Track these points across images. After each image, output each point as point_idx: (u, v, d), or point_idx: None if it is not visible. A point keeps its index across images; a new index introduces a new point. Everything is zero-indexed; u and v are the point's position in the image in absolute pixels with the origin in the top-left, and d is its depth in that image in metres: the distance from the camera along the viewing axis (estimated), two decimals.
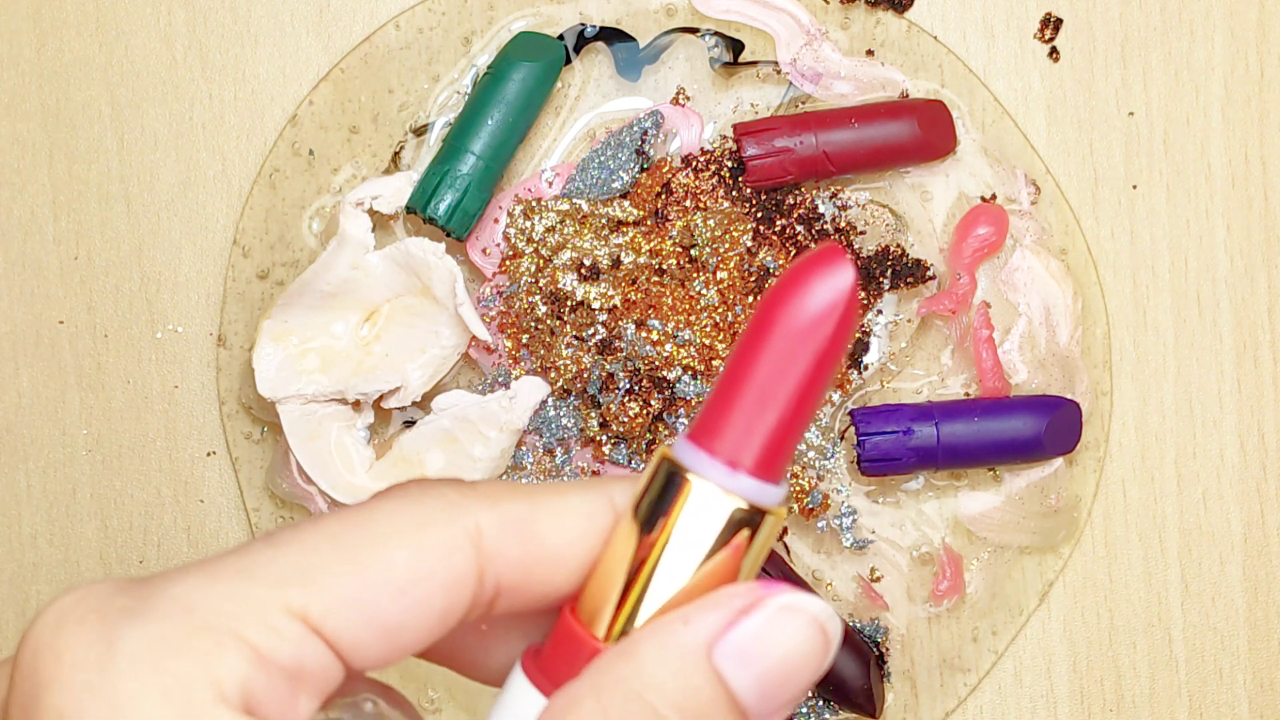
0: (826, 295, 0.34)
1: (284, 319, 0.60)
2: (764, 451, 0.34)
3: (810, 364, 0.34)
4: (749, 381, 0.34)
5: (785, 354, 0.34)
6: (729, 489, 0.34)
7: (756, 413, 0.34)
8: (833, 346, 0.34)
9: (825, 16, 0.62)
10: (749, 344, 0.34)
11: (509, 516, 0.33)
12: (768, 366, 0.34)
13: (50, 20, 0.63)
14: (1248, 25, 0.63)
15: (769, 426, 0.34)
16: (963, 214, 0.62)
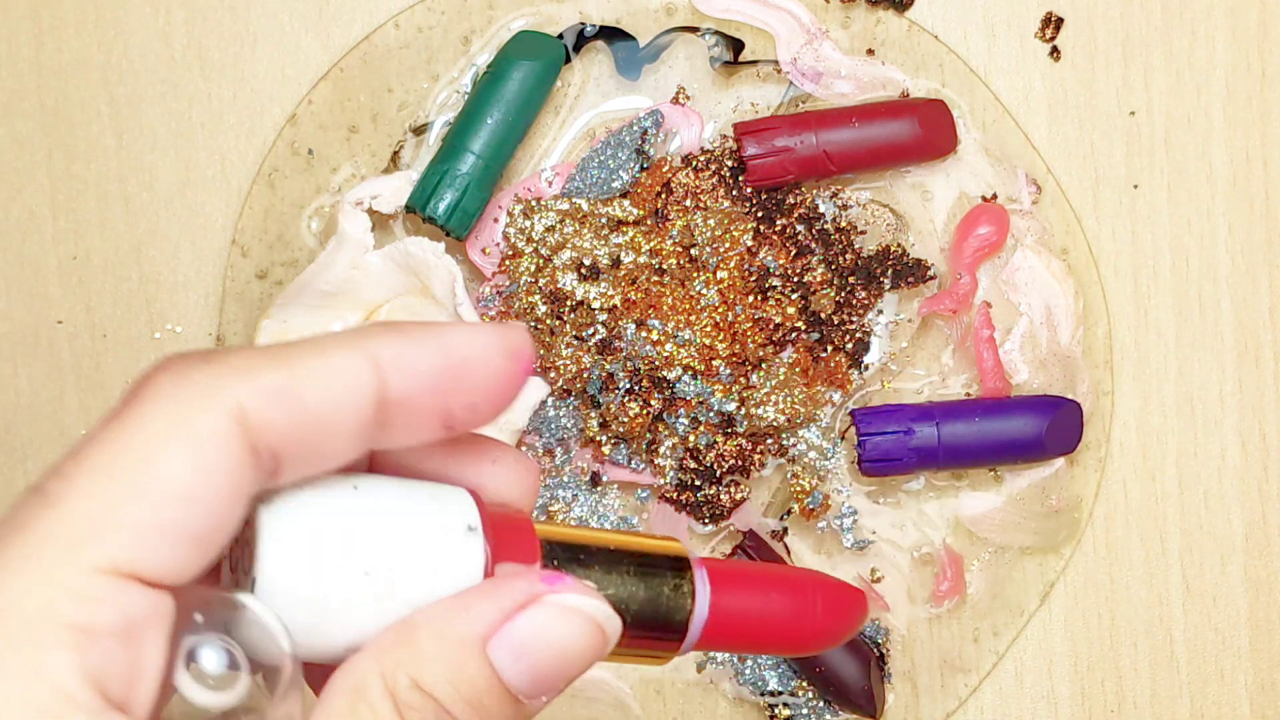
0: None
1: (283, 319, 0.60)
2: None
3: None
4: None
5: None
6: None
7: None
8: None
9: (826, 15, 0.62)
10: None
11: (269, 388, 0.33)
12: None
13: (49, 19, 0.63)
14: (1249, 25, 0.63)
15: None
16: (963, 213, 0.61)
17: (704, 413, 0.60)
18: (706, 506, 0.61)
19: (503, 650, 0.34)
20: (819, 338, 0.60)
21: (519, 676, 0.34)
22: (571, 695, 0.62)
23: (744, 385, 0.60)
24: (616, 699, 0.62)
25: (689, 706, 0.62)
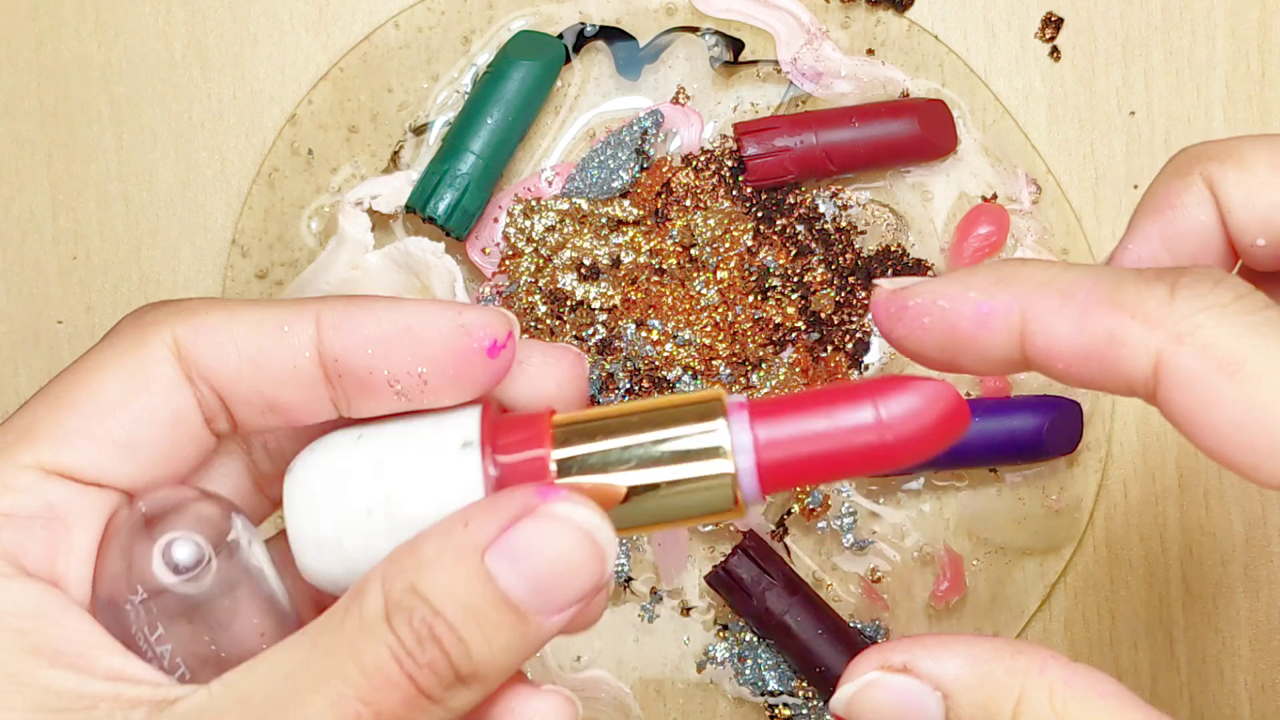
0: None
1: None
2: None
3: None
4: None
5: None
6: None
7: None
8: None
9: (826, 15, 0.62)
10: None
11: (204, 325, 0.37)
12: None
13: (49, 19, 0.63)
14: (1249, 24, 0.63)
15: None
16: (964, 213, 0.62)
17: None
18: None
19: (499, 559, 0.35)
20: (819, 338, 0.60)
21: (516, 585, 0.35)
22: None
23: (744, 385, 0.60)
24: (616, 699, 0.62)
25: (689, 706, 0.62)
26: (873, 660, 0.38)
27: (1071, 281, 0.36)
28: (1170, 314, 0.34)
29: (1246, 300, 0.34)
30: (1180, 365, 0.34)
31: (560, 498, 0.36)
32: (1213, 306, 0.34)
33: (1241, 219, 0.39)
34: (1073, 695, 0.36)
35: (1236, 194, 0.39)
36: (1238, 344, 0.34)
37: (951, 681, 0.37)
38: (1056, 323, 0.36)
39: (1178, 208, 0.40)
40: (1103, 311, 0.35)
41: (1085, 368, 0.36)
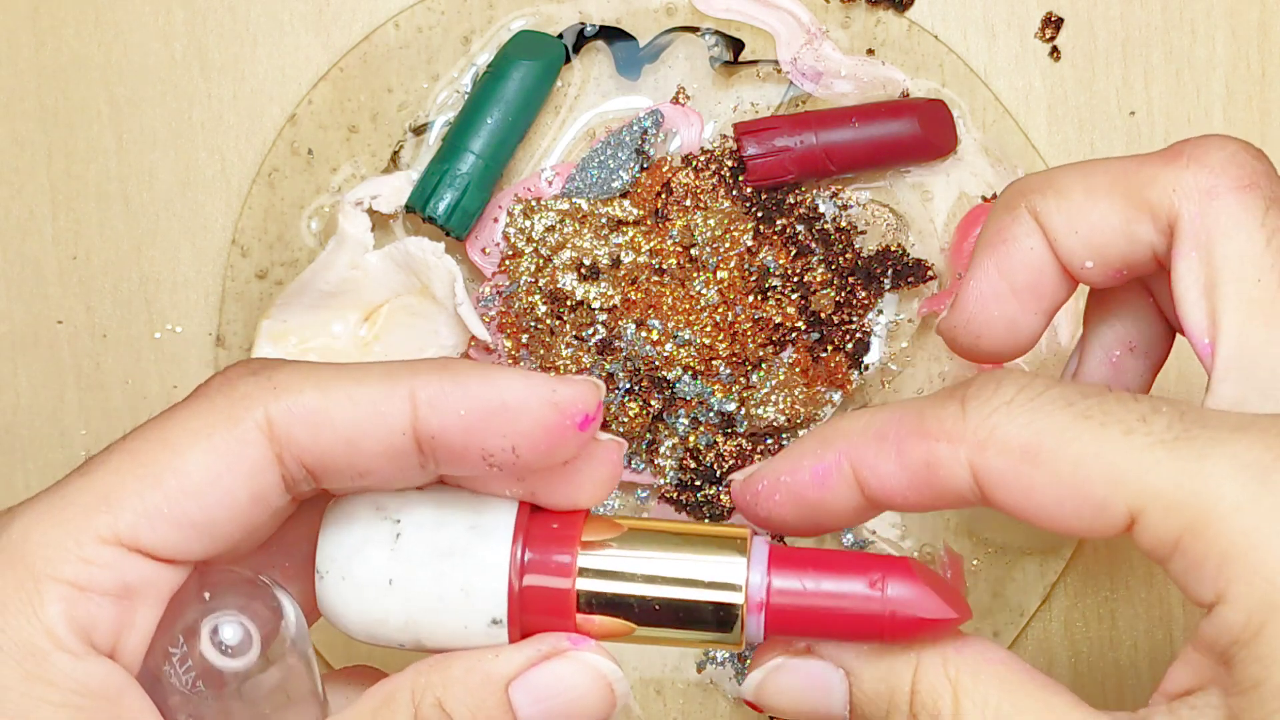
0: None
1: (283, 319, 0.60)
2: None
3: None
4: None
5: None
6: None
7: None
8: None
9: (826, 15, 0.62)
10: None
11: (301, 408, 0.37)
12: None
13: (49, 19, 0.63)
14: (1249, 24, 0.63)
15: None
16: (964, 213, 0.62)
17: (704, 413, 0.60)
18: (706, 506, 0.61)
19: (522, 692, 0.39)
20: (819, 338, 0.60)
21: (533, 718, 0.39)
22: None
23: (744, 385, 0.60)
24: None
25: (689, 706, 0.62)
26: (778, 646, 0.41)
27: (884, 423, 0.39)
28: (967, 427, 0.37)
29: (1027, 390, 0.37)
30: (990, 469, 0.37)
31: (589, 647, 0.39)
32: (1000, 407, 0.37)
33: (1067, 245, 0.42)
34: (964, 662, 0.38)
35: (1058, 222, 0.42)
36: (1029, 433, 0.36)
37: (853, 659, 0.40)
38: (880, 464, 0.39)
39: (1009, 241, 0.43)
40: (913, 443, 0.38)
41: (920, 496, 0.39)
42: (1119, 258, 0.42)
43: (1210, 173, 0.40)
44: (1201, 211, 0.40)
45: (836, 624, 0.39)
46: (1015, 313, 0.44)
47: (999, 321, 0.44)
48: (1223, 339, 0.39)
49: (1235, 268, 0.39)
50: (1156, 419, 0.36)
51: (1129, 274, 0.42)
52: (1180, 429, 0.35)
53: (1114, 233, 0.41)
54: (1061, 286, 0.43)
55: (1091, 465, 0.36)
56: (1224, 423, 0.35)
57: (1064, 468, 0.36)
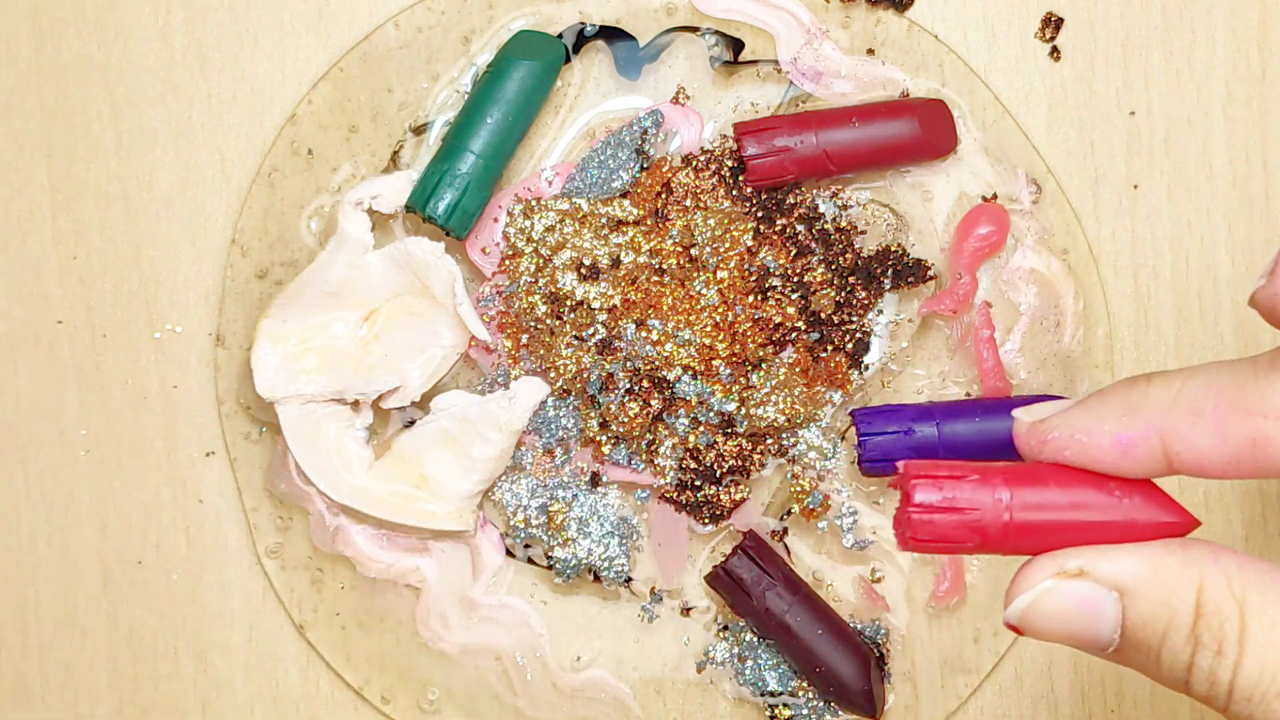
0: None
1: (283, 319, 0.60)
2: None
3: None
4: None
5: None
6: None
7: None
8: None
9: (826, 15, 0.62)
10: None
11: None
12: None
13: (49, 19, 0.63)
14: (1249, 25, 0.63)
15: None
16: (964, 213, 0.61)
17: (704, 413, 0.60)
18: (706, 506, 0.61)
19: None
20: (819, 338, 0.60)
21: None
22: (571, 695, 0.62)
23: (744, 385, 0.60)
24: (616, 699, 0.62)
25: (689, 706, 0.62)
26: (1047, 568, 0.39)
27: (1197, 395, 0.38)
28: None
29: None
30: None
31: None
32: None
33: None
34: (1249, 580, 0.38)
35: None
36: None
37: (1130, 580, 0.39)
38: (1197, 439, 0.38)
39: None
40: (1237, 420, 0.37)
41: (1239, 470, 0.38)
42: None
43: None
44: None
45: (1078, 531, 0.40)
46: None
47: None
48: None
49: None
50: None
51: None
52: None
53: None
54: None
55: None
56: None
57: None
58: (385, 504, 0.60)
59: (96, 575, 0.63)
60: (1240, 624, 0.37)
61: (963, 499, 0.40)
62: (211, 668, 0.62)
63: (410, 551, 0.61)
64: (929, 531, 0.40)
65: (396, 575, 0.61)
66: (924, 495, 0.40)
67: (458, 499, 0.60)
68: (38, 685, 0.63)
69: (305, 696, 0.62)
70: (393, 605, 0.61)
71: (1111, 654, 0.39)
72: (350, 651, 0.61)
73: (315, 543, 0.61)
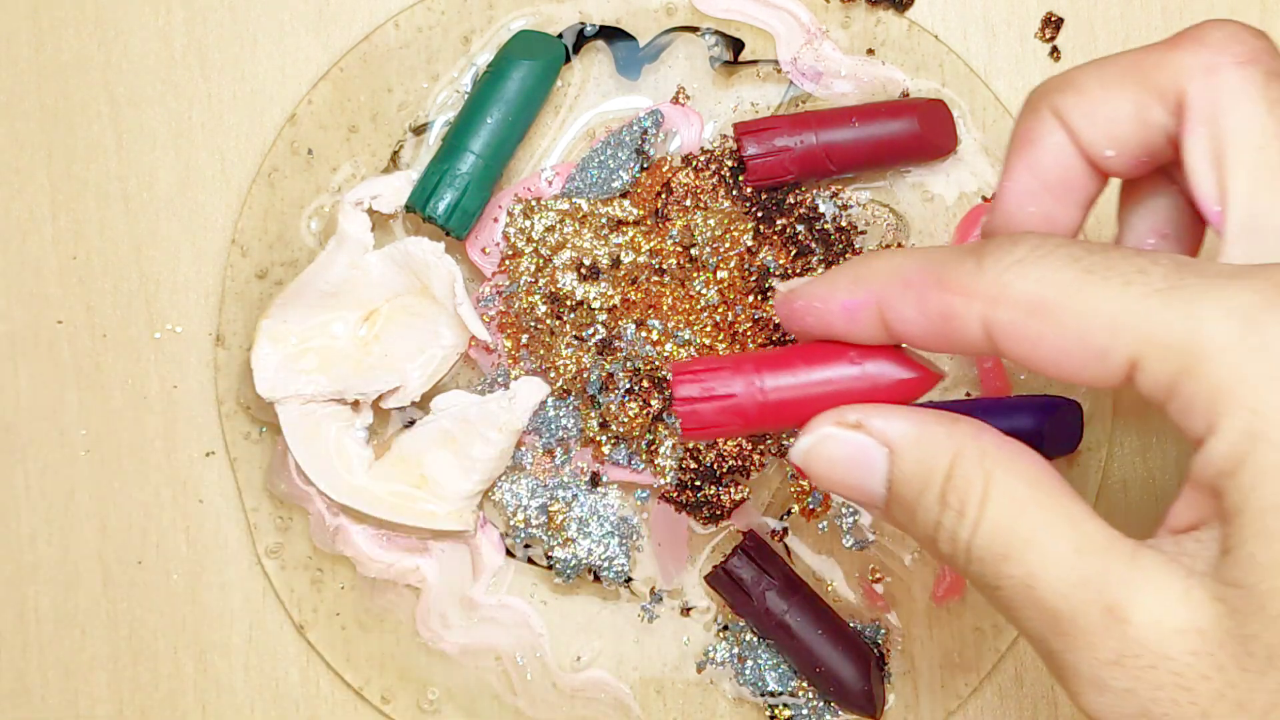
0: None
1: (283, 319, 0.60)
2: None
3: None
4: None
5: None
6: None
7: None
8: None
9: (826, 15, 0.62)
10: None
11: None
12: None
13: (49, 19, 0.63)
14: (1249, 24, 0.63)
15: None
16: (964, 213, 0.62)
17: None
18: (706, 506, 0.61)
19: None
20: None
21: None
22: (571, 695, 0.62)
23: None
24: (616, 699, 0.62)
25: (689, 706, 0.62)
26: (830, 417, 0.43)
27: (909, 270, 0.41)
28: (981, 281, 0.40)
29: (1039, 249, 0.39)
30: (1001, 321, 0.39)
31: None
32: (1013, 265, 0.39)
33: (1088, 137, 0.44)
34: (1001, 458, 0.41)
35: (1077, 116, 0.44)
36: (1038, 288, 0.39)
37: (898, 438, 0.42)
38: (904, 309, 0.41)
39: (1035, 140, 0.45)
40: (934, 294, 0.41)
41: (937, 342, 0.41)
42: (1138, 145, 0.44)
43: (1211, 51, 0.42)
44: (1206, 88, 0.42)
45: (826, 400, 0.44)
46: (1050, 208, 0.46)
47: (1035, 218, 0.46)
48: (1231, 205, 0.41)
49: (1240, 137, 0.41)
50: (1154, 269, 0.38)
51: (1151, 161, 0.44)
52: (1176, 278, 0.38)
53: (1129, 120, 0.44)
54: (1090, 179, 0.45)
55: (1093, 317, 0.38)
56: (1219, 272, 0.38)
57: (1068, 320, 0.38)
58: (385, 504, 0.60)
59: (96, 575, 0.63)
60: (984, 492, 0.40)
61: (720, 387, 0.44)
62: (211, 668, 0.62)
63: (410, 551, 0.61)
64: (695, 420, 0.44)
65: (396, 575, 0.61)
66: (685, 390, 0.44)
67: (458, 499, 0.60)
68: (38, 685, 0.63)
69: (305, 696, 0.62)
70: (393, 605, 0.61)
71: (883, 512, 0.43)
72: (350, 651, 0.61)
73: (315, 543, 0.61)
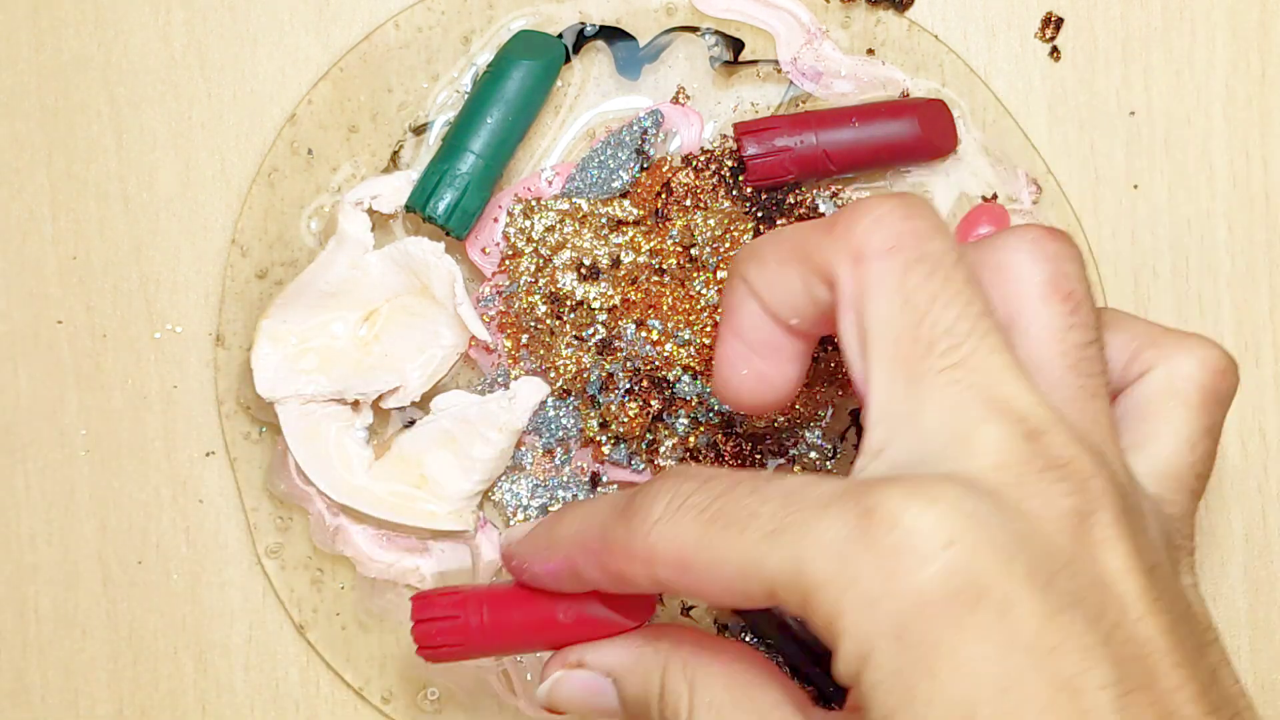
0: None
1: (283, 319, 0.60)
2: None
3: None
4: None
5: None
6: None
7: None
8: None
9: (826, 15, 0.62)
10: None
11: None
12: None
13: (49, 19, 0.63)
14: (1249, 24, 0.63)
15: None
16: (964, 213, 0.62)
17: (704, 413, 0.60)
18: None
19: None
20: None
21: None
22: None
23: None
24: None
25: None
26: (557, 662, 0.49)
27: (587, 535, 0.46)
28: (633, 545, 0.44)
29: (673, 502, 0.43)
30: (663, 580, 0.43)
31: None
32: (653, 526, 0.43)
33: (772, 307, 0.46)
34: (700, 664, 0.45)
35: (761, 286, 0.46)
36: (676, 546, 0.43)
37: (616, 667, 0.48)
38: (589, 572, 0.46)
39: (734, 309, 0.48)
40: (606, 559, 0.45)
41: (630, 592, 0.46)
42: (814, 315, 0.46)
43: (856, 239, 0.44)
44: (851, 275, 0.44)
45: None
46: (761, 368, 0.48)
47: (749, 380, 0.48)
48: (871, 391, 0.43)
49: (877, 328, 0.43)
50: (764, 510, 0.41)
51: (830, 327, 0.47)
52: (782, 517, 0.40)
53: (801, 294, 0.46)
54: (792, 339, 0.47)
55: (723, 565, 0.41)
56: (817, 502, 0.40)
57: (705, 573, 0.42)
58: (386, 504, 0.60)
59: (96, 575, 0.63)
60: (689, 702, 0.45)
61: (454, 612, 0.51)
62: (211, 668, 0.62)
63: (410, 551, 0.61)
64: (429, 641, 0.51)
65: (396, 575, 0.61)
66: (421, 613, 0.51)
67: (458, 499, 0.60)
68: (38, 685, 0.63)
69: (305, 696, 0.62)
70: (393, 605, 0.61)
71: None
72: (350, 652, 0.61)
73: (315, 543, 0.61)
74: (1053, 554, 0.40)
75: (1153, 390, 0.48)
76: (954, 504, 0.39)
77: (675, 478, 0.44)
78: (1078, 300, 0.46)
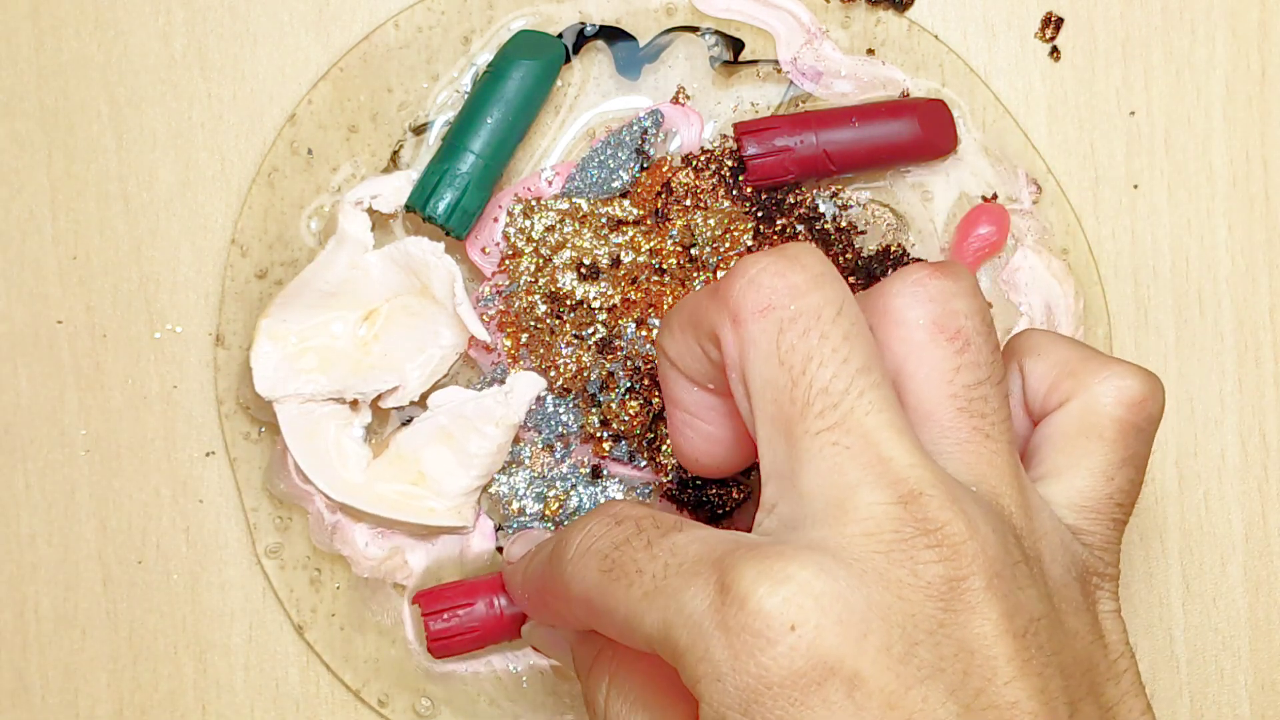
0: None
1: (282, 318, 0.60)
2: None
3: None
4: None
5: None
6: None
7: None
8: None
9: (826, 15, 0.62)
10: None
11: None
12: None
13: (48, 19, 0.63)
14: (1249, 24, 0.63)
15: None
16: (964, 213, 0.62)
17: None
18: (707, 505, 0.61)
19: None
20: None
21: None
22: (572, 696, 0.62)
23: None
24: None
25: None
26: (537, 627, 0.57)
27: (527, 583, 0.51)
28: (556, 583, 0.47)
29: (582, 544, 0.45)
30: (578, 616, 0.47)
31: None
32: (566, 566, 0.46)
33: (687, 373, 0.48)
34: (621, 662, 0.50)
35: (673, 353, 0.48)
36: (583, 589, 0.45)
37: (571, 635, 0.54)
38: (539, 613, 0.52)
39: (663, 379, 0.49)
40: (537, 597, 0.50)
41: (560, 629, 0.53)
42: (720, 378, 0.46)
43: (733, 303, 0.44)
44: (732, 339, 0.44)
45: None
46: (706, 430, 0.48)
47: (699, 442, 0.49)
48: (760, 449, 0.44)
49: (759, 388, 0.43)
50: (650, 567, 0.42)
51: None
52: (661, 578, 0.42)
53: (702, 360, 0.46)
54: (723, 398, 0.47)
55: (614, 614, 0.43)
56: (690, 568, 0.41)
57: (605, 618, 0.44)
58: (385, 502, 0.60)
59: (96, 575, 0.63)
60: (606, 695, 0.49)
61: (467, 599, 0.58)
62: (211, 668, 0.62)
63: (400, 540, 0.61)
64: (444, 633, 0.58)
65: (385, 572, 0.61)
66: (430, 605, 0.58)
67: (456, 495, 0.60)
68: (38, 685, 0.63)
69: (305, 696, 0.62)
70: (392, 606, 0.61)
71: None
72: (349, 653, 0.61)
73: (314, 541, 0.61)
74: (916, 624, 0.39)
75: (1067, 423, 0.47)
76: (803, 585, 0.39)
77: (595, 517, 0.45)
78: (966, 337, 0.45)
